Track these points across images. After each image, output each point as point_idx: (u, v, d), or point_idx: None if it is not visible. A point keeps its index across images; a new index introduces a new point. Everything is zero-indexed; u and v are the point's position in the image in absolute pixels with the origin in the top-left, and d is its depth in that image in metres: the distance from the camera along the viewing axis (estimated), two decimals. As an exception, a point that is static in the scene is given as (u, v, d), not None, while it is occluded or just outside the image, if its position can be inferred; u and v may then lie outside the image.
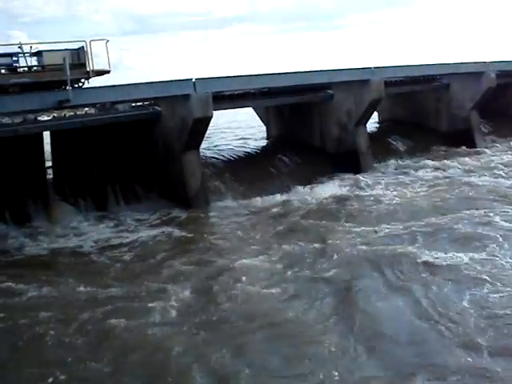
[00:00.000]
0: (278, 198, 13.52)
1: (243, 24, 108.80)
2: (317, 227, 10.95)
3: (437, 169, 16.11)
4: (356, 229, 10.58)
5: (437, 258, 8.75)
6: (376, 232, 10.30)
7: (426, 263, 8.58)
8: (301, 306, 7.46)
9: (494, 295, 7.33)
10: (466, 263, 8.42)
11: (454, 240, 9.58)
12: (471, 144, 19.07)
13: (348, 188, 14.19)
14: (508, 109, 22.23)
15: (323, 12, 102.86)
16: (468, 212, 11.07)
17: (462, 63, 19.31)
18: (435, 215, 11.11)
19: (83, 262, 9.83)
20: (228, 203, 13.25)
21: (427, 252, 8.97)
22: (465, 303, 7.16)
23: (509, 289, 7.45)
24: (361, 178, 15.13)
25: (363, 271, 8.62)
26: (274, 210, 12.52)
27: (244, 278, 8.37)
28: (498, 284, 7.63)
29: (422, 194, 13.29)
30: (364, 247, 9.48)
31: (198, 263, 9.25)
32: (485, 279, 7.79)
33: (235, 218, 12.04)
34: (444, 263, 8.53)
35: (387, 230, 10.36)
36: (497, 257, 8.62)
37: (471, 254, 8.73)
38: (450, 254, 8.81)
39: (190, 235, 10.99)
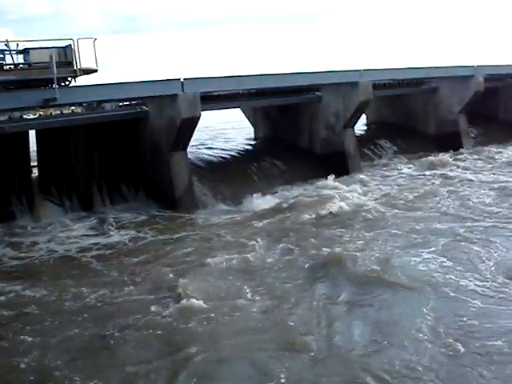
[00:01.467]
0: (267, 199, 13.41)
1: (232, 24, 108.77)
2: (308, 228, 10.97)
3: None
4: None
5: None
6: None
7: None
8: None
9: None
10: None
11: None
12: (459, 147, 19.22)
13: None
14: (496, 112, 22.41)
15: (311, 11, 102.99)
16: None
17: (450, 67, 19.48)
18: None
19: (65, 262, 9.77)
20: (214, 205, 13.21)
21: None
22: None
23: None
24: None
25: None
26: (262, 211, 12.46)
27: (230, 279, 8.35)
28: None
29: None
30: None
31: (181, 264, 9.19)
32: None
33: (222, 220, 12.00)
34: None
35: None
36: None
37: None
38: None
39: (173, 237, 10.87)
